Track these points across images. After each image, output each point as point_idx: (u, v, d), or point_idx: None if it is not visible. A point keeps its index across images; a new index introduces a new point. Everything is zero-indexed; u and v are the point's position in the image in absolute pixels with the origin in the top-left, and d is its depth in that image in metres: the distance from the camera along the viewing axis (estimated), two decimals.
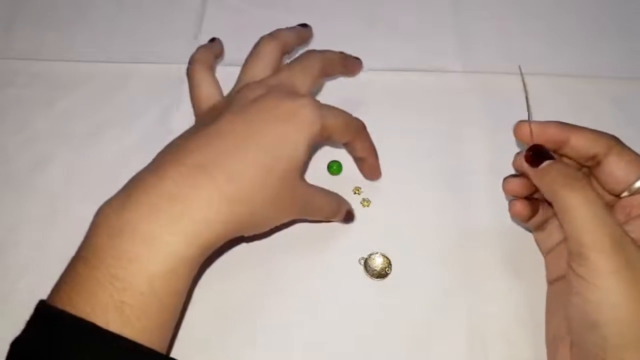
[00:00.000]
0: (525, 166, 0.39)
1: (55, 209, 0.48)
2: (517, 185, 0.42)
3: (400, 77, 0.55)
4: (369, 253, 0.45)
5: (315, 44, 0.57)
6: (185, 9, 0.59)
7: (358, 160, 0.49)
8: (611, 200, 0.40)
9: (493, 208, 0.48)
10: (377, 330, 0.43)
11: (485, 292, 0.44)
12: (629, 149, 0.39)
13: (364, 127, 0.46)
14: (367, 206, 0.48)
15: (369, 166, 0.48)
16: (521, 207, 0.42)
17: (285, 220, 0.43)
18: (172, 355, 0.41)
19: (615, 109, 0.54)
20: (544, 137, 0.40)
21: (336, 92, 0.54)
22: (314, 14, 0.59)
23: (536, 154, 0.39)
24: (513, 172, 0.50)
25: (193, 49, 0.56)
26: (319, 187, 0.44)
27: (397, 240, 0.46)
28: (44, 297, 0.43)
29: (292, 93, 0.42)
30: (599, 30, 0.59)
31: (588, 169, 0.41)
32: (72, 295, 0.34)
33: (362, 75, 0.55)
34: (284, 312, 0.44)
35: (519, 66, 0.44)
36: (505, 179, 0.43)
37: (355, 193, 0.49)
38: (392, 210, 0.48)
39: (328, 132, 0.42)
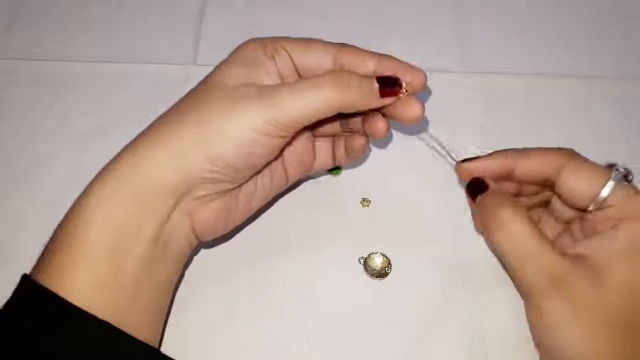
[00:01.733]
0: (469, 201, 0.40)
1: (55, 209, 0.48)
2: None
3: None
4: (368, 253, 0.45)
5: None
6: (185, 9, 0.60)
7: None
8: (576, 215, 0.39)
9: None
10: (376, 330, 0.43)
11: (485, 292, 0.44)
12: (585, 161, 0.37)
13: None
14: (367, 206, 0.48)
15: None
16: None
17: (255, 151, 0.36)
18: (172, 355, 0.41)
19: (615, 109, 0.54)
20: (488, 173, 0.39)
21: None
22: (314, 14, 0.59)
23: (473, 187, 0.39)
24: None
25: (193, 49, 0.57)
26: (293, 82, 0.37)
27: (397, 240, 0.46)
28: None
29: None
30: (599, 30, 0.59)
31: (549, 188, 0.40)
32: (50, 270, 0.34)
33: None
34: (283, 312, 0.43)
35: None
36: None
37: (362, 203, 0.49)
38: (392, 210, 0.48)
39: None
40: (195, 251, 0.44)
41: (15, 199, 0.49)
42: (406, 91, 0.38)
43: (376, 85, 0.36)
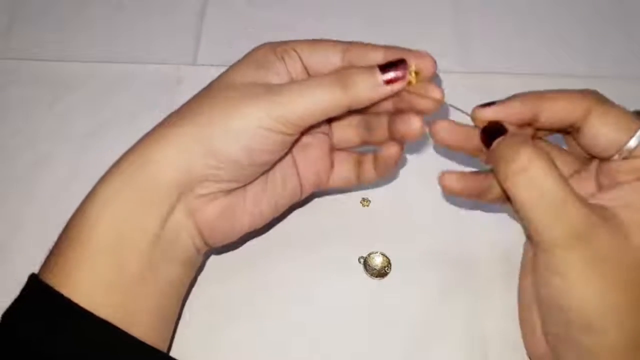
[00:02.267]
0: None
1: (55, 208, 0.48)
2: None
3: None
4: (368, 252, 0.45)
5: None
6: (186, 9, 0.60)
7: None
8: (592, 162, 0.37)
9: (493, 207, 0.48)
10: (376, 330, 0.43)
11: (485, 292, 0.44)
12: (613, 106, 0.35)
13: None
14: (367, 206, 0.48)
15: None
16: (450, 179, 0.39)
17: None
18: (171, 355, 0.41)
19: None
20: (510, 119, 0.35)
21: None
22: (314, 14, 0.59)
23: (488, 133, 0.35)
24: None
25: (193, 49, 0.57)
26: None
27: (396, 239, 0.46)
28: None
29: None
30: (599, 30, 0.59)
31: (570, 134, 0.37)
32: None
33: None
34: (283, 311, 0.43)
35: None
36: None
37: (362, 203, 0.49)
38: (392, 209, 0.48)
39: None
40: (206, 256, 0.44)
41: (15, 199, 0.49)
42: (416, 73, 0.36)
43: (379, 74, 0.35)
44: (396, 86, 0.35)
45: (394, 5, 0.60)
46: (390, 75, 0.35)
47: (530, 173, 0.32)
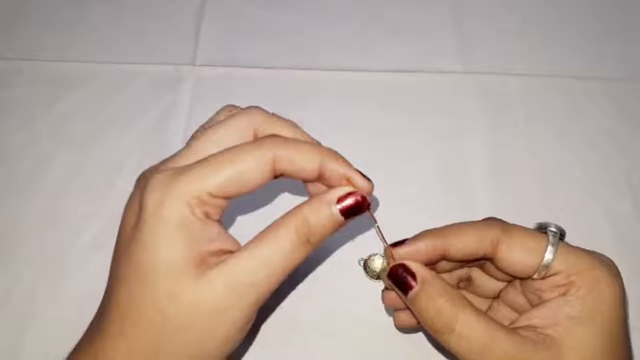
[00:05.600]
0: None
1: (55, 208, 0.48)
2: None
3: (400, 77, 0.55)
4: (368, 254, 0.45)
5: (315, 45, 0.57)
6: (184, 9, 0.59)
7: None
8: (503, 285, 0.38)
9: (493, 208, 0.48)
10: (376, 332, 0.43)
11: None
12: (518, 231, 0.35)
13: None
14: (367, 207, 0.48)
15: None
16: (407, 317, 0.38)
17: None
18: None
19: (613, 110, 0.54)
20: (420, 258, 0.35)
21: (335, 91, 0.54)
22: (314, 14, 0.59)
23: (397, 284, 0.35)
24: (513, 172, 0.51)
25: (192, 49, 0.57)
26: (248, 245, 0.33)
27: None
28: (44, 297, 0.44)
29: (138, 186, 0.34)
30: (599, 30, 0.59)
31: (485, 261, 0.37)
32: None
33: (362, 75, 0.55)
34: (282, 313, 0.44)
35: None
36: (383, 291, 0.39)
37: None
38: (392, 210, 0.48)
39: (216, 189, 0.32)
40: None
41: (15, 199, 0.49)
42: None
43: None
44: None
45: (394, 5, 0.60)
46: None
47: (458, 332, 0.33)
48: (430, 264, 0.36)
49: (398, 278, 0.35)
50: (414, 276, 0.34)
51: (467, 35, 0.58)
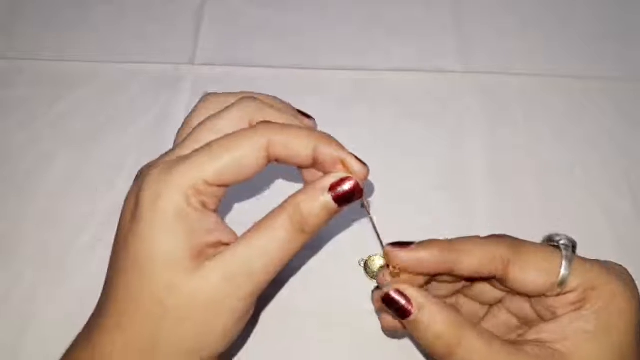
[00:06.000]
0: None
1: (56, 207, 0.48)
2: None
3: (400, 77, 0.55)
4: (369, 255, 0.46)
5: (315, 45, 0.57)
6: (185, 9, 0.59)
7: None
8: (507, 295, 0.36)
9: (493, 208, 0.48)
10: (376, 333, 0.43)
11: None
12: (529, 250, 0.33)
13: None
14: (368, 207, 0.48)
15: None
16: (393, 321, 0.36)
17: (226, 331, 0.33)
18: None
19: (612, 109, 0.54)
20: (421, 268, 0.33)
21: (334, 90, 0.54)
22: (314, 13, 0.59)
23: (395, 310, 0.33)
24: (512, 171, 0.51)
25: (192, 49, 0.57)
26: (245, 235, 0.33)
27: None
28: (44, 297, 0.44)
29: (136, 178, 0.35)
30: (599, 30, 0.59)
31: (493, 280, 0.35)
32: None
33: (362, 75, 0.55)
34: (282, 313, 0.44)
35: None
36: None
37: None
38: (392, 211, 0.48)
39: (211, 177, 0.32)
40: None
41: (15, 199, 0.49)
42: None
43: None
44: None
45: (394, 5, 0.60)
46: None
47: (463, 354, 0.32)
48: (430, 277, 0.35)
49: (393, 303, 0.33)
50: (409, 301, 0.32)
51: (466, 35, 0.58)
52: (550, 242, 0.34)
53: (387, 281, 0.34)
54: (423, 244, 0.34)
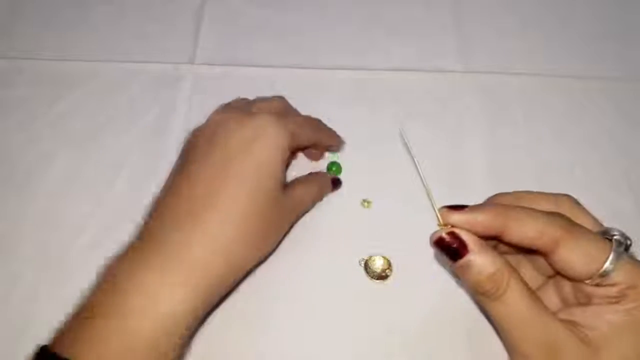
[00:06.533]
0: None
1: (56, 208, 0.48)
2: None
3: (400, 77, 0.55)
4: (369, 254, 0.46)
5: (315, 44, 0.57)
6: (185, 8, 0.59)
7: (324, 148, 0.51)
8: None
9: None
10: (377, 332, 0.43)
11: None
12: (583, 235, 0.34)
13: (319, 120, 0.48)
14: (368, 207, 0.48)
15: (337, 142, 0.50)
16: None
17: (284, 233, 0.44)
18: None
19: (612, 109, 0.54)
20: (474, 229, 0.34)
21: (334, 90, 0.54)
22: (314, 14, 0.59)
23: (449, 251, 0.34)
24: (512, 171, 0.51)
25: (192, 48, 0.57)
26: (296, 182, 0.46)
27: (397, 241, 0.46)
28: (45, 297, 0.44)
29: (248, 113, 0.42)
30: (599, 30, 0.59)
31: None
32: (75, 344, 0.34)
33: (362, 74, 0.55)
34: (283, 313, 0.44)
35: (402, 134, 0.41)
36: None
37: (363, 204, 0.49)
38: (392, 211, 0.48)
39: (297, 140, 0.42)
40: None
41: (15, 199, 0.49)
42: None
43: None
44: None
45: (394, 5, 0.60)
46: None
47: (503, 300, 0.33)
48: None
49: (447, 246, 0.34)
50: (464, 245, 0.34)
51: (466, 35, 0.58)
52: (605, 234, 0.35)
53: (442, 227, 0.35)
54: (479, 206, 0.35)
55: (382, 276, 0.45)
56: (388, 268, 0.45)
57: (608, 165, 0.51)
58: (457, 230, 0.34)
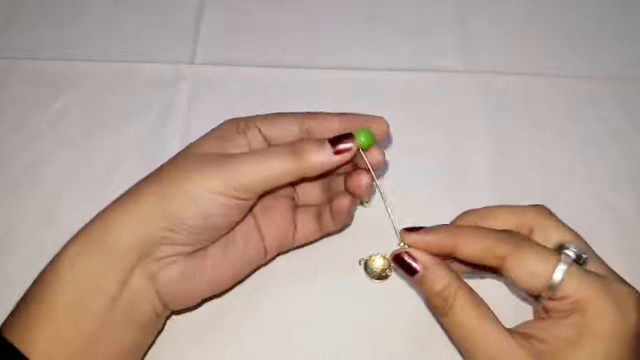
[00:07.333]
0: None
1: (54, 208, 0.48)
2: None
3: (400, 77, 0.55)
4: (369, 254, 0.45)
5: (315, 44, 0.57)
6: (184, 8, 0.59)
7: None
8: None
9: None
10: (377, 333, 0.43)
11: (487, 293, 0.44)
12: (532, 249, 0.35)
13: None
14: (367, 206, 0.48)
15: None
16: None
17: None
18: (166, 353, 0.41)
19: (615, 109, 0.54)
20: (430, 249, 0.37)
21: (334, 90, 0.54)
22: (314, 14, 0.59)
23: (403, 267, 0.37)
24: (513, 171, 0.50)
25: (192, 48, 0.57)
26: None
27: (397, 241, 0.46)
28: None
29: None
30: (600, 30, 0.59)
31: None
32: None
33: (362, 74, 0.55)
34: (282, 313, 0.43)
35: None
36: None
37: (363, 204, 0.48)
38: (392, 211, 0.48)
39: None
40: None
41: (14, 199, 0.49)
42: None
43: (329, 146, 0.37)
44: (345, 156, 0.37)
45: (394, 5, 0.60)
46: (339, 147, 0.37)
47: (453, 314, 0.35)
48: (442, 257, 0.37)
49: (403, 263, 0.37)
50: (417, 262, 0.36)
51: (468, 34, 0.58)
52: (560, 249, 0.36)
53: (400, 246, 0.38)
54: (434, 228, 0.38)
55: (382, 276, 0.45)
56: (388, 268, 0.45)
57: (610, 165, 0.51)
58: (412, 250, 0.37)
